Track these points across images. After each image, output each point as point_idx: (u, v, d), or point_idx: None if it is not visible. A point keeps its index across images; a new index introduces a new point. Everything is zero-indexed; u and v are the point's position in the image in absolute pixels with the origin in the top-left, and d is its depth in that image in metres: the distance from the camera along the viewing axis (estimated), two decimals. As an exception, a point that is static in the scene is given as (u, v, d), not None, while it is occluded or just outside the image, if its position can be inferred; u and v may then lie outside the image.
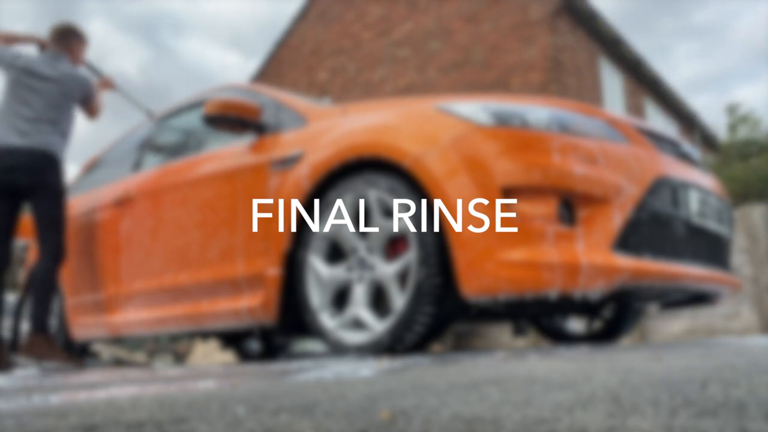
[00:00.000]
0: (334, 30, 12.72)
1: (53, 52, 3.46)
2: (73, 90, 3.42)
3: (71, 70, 3.45)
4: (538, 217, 1.94)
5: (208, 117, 2.71)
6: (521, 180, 1.95)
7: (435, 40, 11.00)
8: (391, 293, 2.13)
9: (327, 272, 2.32)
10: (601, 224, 1.96)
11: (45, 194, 3.26)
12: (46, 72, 3.35)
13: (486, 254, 1.91)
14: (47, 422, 0.78)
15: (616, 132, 2.18)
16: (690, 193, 2.23)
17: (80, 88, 3.46)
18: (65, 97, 3.38)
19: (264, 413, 0.80)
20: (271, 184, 2.61)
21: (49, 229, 3.28)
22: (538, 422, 0.66)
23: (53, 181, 3.29)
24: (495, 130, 2.04)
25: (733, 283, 2.46)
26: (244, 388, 1.18)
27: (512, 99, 2.24)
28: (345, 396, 0.95)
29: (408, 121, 2.24)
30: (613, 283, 1.93)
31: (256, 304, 2.56)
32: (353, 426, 0.69)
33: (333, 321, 2.28)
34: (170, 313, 3.03)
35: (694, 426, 0.60)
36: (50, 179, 3.27)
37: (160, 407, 0.88)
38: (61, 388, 1.41)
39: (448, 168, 2.02)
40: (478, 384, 1.01)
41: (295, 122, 2.73)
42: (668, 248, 2.11)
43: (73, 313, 3.75)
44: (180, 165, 3.22)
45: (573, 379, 1.00)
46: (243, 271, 2.66)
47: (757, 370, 0.97)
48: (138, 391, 1.24)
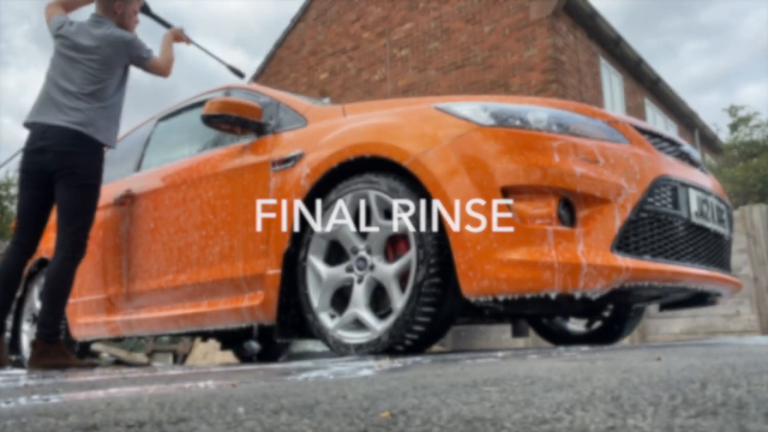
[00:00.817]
0: (334, 30, 12.72)
1: (95, 16, 3.12)
2: (111, 57, 3.02)
3: (109, 33, 3.04)
4: (538, 217, 1.94)
5: (208, 117, 2.71)
6: (521, 180, 1.95)
7: (435, 40, 11.00)
8: (391, 293, 2.13)
9: (327, 272, 2.32)
10: (601, 224, 1.96)
11: (71, 181, 2.91)
12: (83, 42, 3.01)
13: (486, 254, 1.91)
14: (47, 422, 0.78)
15: (616, 132, 2.18)
16: (690, 193, 2.23)
17: (121, 51, 3.05)
18: (106, 67, 3.01)
19: (264, 413, 0.80)
20: (271, 184, 2.61)
21: (69, 220, 2.92)
22: (538, 422, 0.66)
23: (83, 167, 2.92)
24: (495, 130, 2.04)
25: (733, 284, 2.46)
26: (244, 388, 1.18)
27: (512, 99, 2.25)
28: (345, 396, 0.95)
29: (408, 121, 2.24)
30: (613, 283, 1.93)
31: (256, 304, 2.56)
32: (353, 426, 0.69)
33: (333, 321, 2.28)
34: (170, 313, 3.03)
35: (694, 426, 0.60)
36: (80, 164, 2.91)
37: (160, 407, 0.88)
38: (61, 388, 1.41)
39: (448, 168, 2.03)
40: (478, 384, 1.01)
41: (295, 122, 2.73)
42: (668, 248, 2.11)
43: (73, 312, 3.75)
44: (180, 165, 3.22)
45: (573, 379, 1.00)
46: (243, 271, 2.66)
47: (757, 370, 0.97)
48: (138, 391, 1.24)
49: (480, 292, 1.93)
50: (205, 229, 2.90)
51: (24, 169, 3.02)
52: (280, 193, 2.54)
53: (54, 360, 2.83)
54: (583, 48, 10.48)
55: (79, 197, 2.93)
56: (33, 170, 2.97)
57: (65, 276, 2.91)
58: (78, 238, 2.94)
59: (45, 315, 2.90)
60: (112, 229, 3.50)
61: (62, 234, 2.92)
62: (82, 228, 2.95)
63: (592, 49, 10.85)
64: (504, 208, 1.93)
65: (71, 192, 2.92)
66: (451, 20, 10.83)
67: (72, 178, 2.91)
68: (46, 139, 2.91)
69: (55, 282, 2.90)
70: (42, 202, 3.01)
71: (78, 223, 2.93)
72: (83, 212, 2.95)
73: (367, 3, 12.21)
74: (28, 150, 2.98)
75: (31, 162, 2.97)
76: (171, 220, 3.11)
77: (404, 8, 11.58)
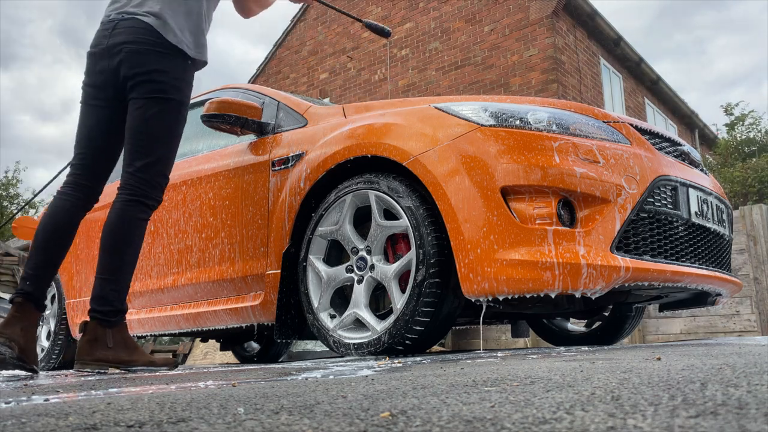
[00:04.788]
0: (334, 30, 12.72)
1: None
2: None
3: None
4: (538, 218, 1.94)
5: (208, 117, 2.71)
6: (521, 180, 1.95)
7: (435, 40, 11.00)
8: (391, 293, 2.13)
9: (327, 272, 2.32)
10: (601, 224, 1.96)
11: (145, 90, 2.17)
12: None
13: (486, 255, 1.91)
14: (47, 422, 0.78)
15: (616, 132, 2.18)
16: (690, 193, 2.23)
17: None
18: None
19: (264, 413, 0.80)
20: (271, 184, 2.61)
21: (138, 149, 2.17)
22: (538, 422, 0.66)
23: (163, 73, 2.19)
24: (495, 131, 2.04)
25: (733, 284, 2.45)
26: (244, 388, 1.18)
27: (512, 99, 2.25)
28: (345, 396, 0.95)
29: (408, 121, 2.24)
30: (612, 283, 1.93)
31: (257, 304, 2.56)
32: (353, 426, 0.69)
33: (333, 321, 2.28)
34: (170, 314, 3.03)
35: (694, 426, 0.60)
36: (159, 69, 2.18)
37: (160, 407, 0.88)
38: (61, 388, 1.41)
39: (448, 168, 2.03)
40: (478, 384, 1.01)
41: (295, 122, 2.73)
42: (668, 248, 2.11)
43: (74, 313, 3.75)
44: (180, 165, 3.22)
45: (573, 379, 1.00)
46: (243, 271, 2.66)
47: (757, 370, 0.97)
48: (138, 391, 1.24)
49: (480, 292, 1.93)
50: (204, 229, 2.90)
51: (86, 84, 2.29)
52: (280, 193, 2.54)
53: (113, 354, 2.08)
54: (583, 48, 10.49)
55: (154, 114, 2.18)
56: (98, 82, 2.24)
57: (129, 227, 2.14)
58: (150, 176, 2.17)
59: (101, 284, 2.11)
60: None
61: (128, 170, 2.18)
62: (156, 163, 2.18)
63: (592, 49, 10.85)
64: (504, 208, 1.93)
65: (145, 105, 2.18)
66: (451, 20, 10.84)
67: (147, 87, 2.18)
68: (115, 36, 2.21)
69: (114, 235, 2.13)
70: (112, 127, 2.25)
71: (151, 155, 2.18)
72: (159, 138, 2.19)
73: (367, 3, 12.22)
74: (92, 53, 2.28)
75: (96, 71, 2.25)
76: (171, 220, 3.11)
77: (404, 8, 11.59)
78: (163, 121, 2.20)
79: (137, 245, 2.18)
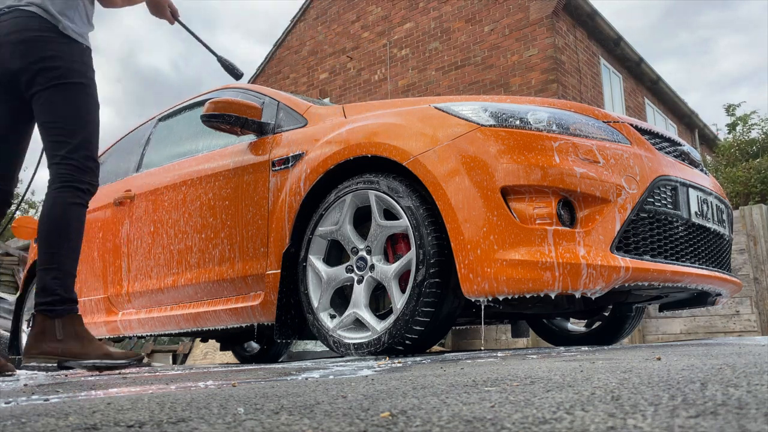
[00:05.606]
0: (334, 30, 12.72)
1: None
2: None
3: None
4: (538, 218, 1.94)
5: (208, 117, 2.71)
6: (521, 180, 1.95)
7: (435, 40, 11.00)
8: (391, 293, 2.13)
9: (327, 272, 2.32)
10: (601, 224, 1.96)
11: (46, 79, 2.09)
12: None
13: (486, 255, 1.91)
14: (47, 422, 0.78)
15: (616, 132, 2.18)
16: (690, 193, 2.23)
17: None
18: None
19: (264, 413, 0.80)
20: (271, 184, 2.61)
21: (56, 138, 2.11)
22: (538, 422, 0.66)
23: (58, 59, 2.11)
24: (495, 131, 2.04)
25: (733, 284, 2.46)
26: (244, 388, 1.18)
27: (512, 99, 2.25)
28: (345, 396, 0.95)
29: (408, 121, 2.24)
30: (612, 283, 1.93)
31: (257, 304, 2.56)
32: (353, 426, 0.69)
33: (333, 321, 2.28)
34: (170, 314, 3.03)
35: (694, 426, 0.60)
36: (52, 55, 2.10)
37: (160, 407, 0.88)
38: (61, 388, 1.41)
39: (448, 168, 2.03)
40: (478, 384, 1.01)
41: (295, 122, 2.73)
42: (668, 248, 2.11)
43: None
44: (180, 165, 3.22)
45: (573, 379, 1.00)
46: (243, 271, 2.66)
47: (757, 370, 0.97)
48: (138, 391, 1.24)
49: (480, 292, 1.93)
50: (204, 230, 2.90)
51: None
52: (280, 193, 2.54)
53: (62, 346, 1.96)
54: (583, 48, 10.49)
55: (61, 102, 2.10)
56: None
57: (63, 213, 2.06)
58: (76, 161, 2.10)
59: (42, 276, 2.01)
60: (111, 229, 3.50)
61: (53, 161, 2.11)
62: (78, 148, 2.11)
63: (592, 49, 10.85)
64: (504, 208, 1.93)
65: (49, 96, 2.10)
66: (451, 20, 10.84)
67: (45, 76, 2.10)
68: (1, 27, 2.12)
69: (49, 224, 2.05)
70: (8, 123, 2.17)
71: (71, 141, 2.10)
72: (74, 123, 2.12)
73: (367, 3, 12.22)
74: None
75: None
76: (171, 220, 3.11)
77: (404, 8, 11.59)
78: (73, 106, 2.13)
79: (76, 232, 2.10)
